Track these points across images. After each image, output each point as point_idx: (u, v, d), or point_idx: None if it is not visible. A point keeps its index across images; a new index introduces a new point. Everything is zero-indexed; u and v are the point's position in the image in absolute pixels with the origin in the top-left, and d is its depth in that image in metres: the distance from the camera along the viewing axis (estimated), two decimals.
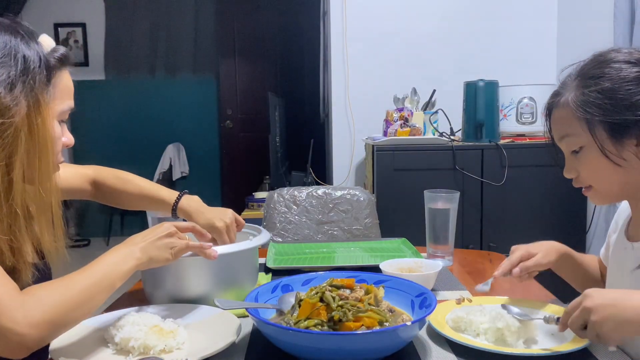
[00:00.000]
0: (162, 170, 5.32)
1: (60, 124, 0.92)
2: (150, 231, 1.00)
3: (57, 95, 0.89)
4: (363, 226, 2.10)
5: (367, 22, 2.97)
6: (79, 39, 5.46)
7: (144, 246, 0.97)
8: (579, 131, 0.96)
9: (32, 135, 0.83)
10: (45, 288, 0.83)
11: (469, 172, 2.39)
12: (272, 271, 1.37)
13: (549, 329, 0.96)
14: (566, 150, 1.02)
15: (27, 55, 0.83)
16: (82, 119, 5.37)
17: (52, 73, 0.87)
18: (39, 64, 0.84)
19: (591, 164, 0.97)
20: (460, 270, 1.40)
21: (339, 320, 0.87)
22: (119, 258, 0.93)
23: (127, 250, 0.95)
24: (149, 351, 0.89)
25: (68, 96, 0.93)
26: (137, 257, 0.95)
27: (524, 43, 2.97)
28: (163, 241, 0.99)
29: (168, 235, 1.00)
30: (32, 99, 0.83)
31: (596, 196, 1.02)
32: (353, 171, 3.04)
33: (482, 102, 2.43)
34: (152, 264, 0.98)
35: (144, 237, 0.99)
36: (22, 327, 0.77)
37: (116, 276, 0.91)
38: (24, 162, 0.83)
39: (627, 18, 2.07)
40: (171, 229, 1.02)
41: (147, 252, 0.97)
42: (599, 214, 2.47)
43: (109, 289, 0.89)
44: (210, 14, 5.54)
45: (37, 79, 0.83)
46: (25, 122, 0.82)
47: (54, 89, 0.88)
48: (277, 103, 3.90)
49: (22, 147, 0.82)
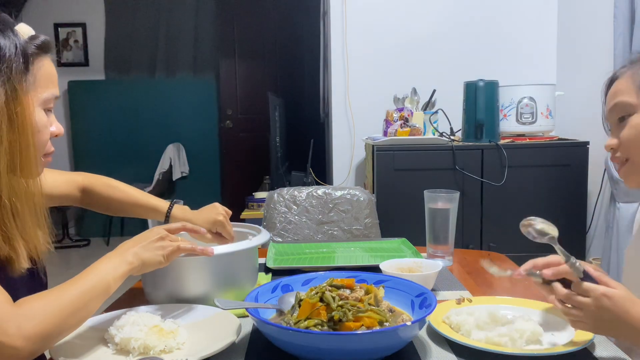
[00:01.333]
0: (162, 170, 5.32)
1: (47, 113, 0.91)
2: (141, 236, 1.01)
3: (38, 83, 0.88)
4: (363, 226, 2.10)
5: (367, 22, 2.97)
6: (79, 39, 5.46)
7: (136, 251, 0.98)
8: (632, 97, 0.97)
9: (12, 124, 0.82)
10: (37, 299, 0.83)
11: (469, 172, 2.39)
12: (272, 271, 1.37)
13: (549, 329, 0.96)
14: (614, 118, 1.01)
15: (2, 44, 0.81)
16: (82, 119, 5.38)
17: (31, 61, 0.86)
18: (15, 52, 0.83)
19: (635, 128, 0.96)
20: (460, 270, 1.40)
21: (339, 320, 0.87)
22: (110, 265, 0.93)
23: (119, 257, 0.96)
24: (149, 351, 0.89)
25: (51, 84, 0.91)
26: (129, 262, 0.96)
27: (524, 43, 2.97)
28: (155, 245, 1.00)
29: (159, 239, 1.01)
30: (9, 87, 0.81)
31: (631, 171, 1.00)
32: (353, 171, 3.04)
33: (482, 102, 2.43)
34: (145, 268, 0.99)
35: (136, 242, 0.99)
36: (16, 340, 0.76)
37: (109, 283, 0.91)
38: (7, 153, 0.82)
39: (627, 18, 2.07)
40: (162, 232, 1.03)
41: (139, 257, 0.97)
42: (599, 214, 2.47)
43: (102, 296, 0.90)
44: (210, 14, 5.54)
45: (13, 67, 0.82)
46: (4, 111, 0.81)
47: (34, 77, 0.86)
48: (277, 103, 3.90)
49: (5, 138, 0.81)
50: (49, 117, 0.92)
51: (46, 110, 0.91)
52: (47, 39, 0.90)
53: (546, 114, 2.48)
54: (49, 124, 0.92)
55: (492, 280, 1.35)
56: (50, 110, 0.93)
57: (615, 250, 2.11)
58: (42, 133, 0.90)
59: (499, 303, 1.07)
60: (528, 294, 1.11)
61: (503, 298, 1.10)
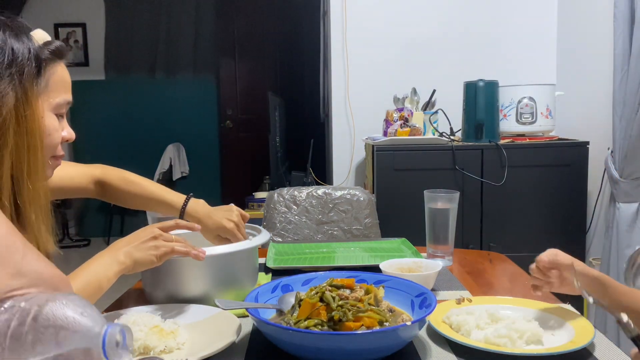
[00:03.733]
0: (162, 170, 5.32)
1: (58, 118, 0.92)
2: (134, 235, 1.01)
3: (51, 88, 0.88)
4: (363, 226, 2.10)
5: (367, 22, 2.97)
6: (79, 39, 5.46)
7: (128, 250, 0.98)
8: None
9: (20, 127, 0.82)
10: None
11: (469, 172, 2.39)
12: (272, 271, 1.37)
13: (549, 329, 0.96)
14: None
15: (16, 48, 0.82)
16: (82, 119, 5.38)
17: (44, 65, 0.86)
18: (28, 56, 0.84)
19: None
20: (460, 270, 1.40)
21: (339, 320, 0.87)
22: (102, 264, 0.94)
23: (111, 256, 0.96)
24: (149, 352, 0.89)
25: (64, 89, 0.92)
26: (121, 262, 0.96)
27: (524, 43, 2.97)
28: (147, 244, 1.00)
29: (152, 239, 1.01)
30: (20, 91, 0.82)
31: None
32: (353, 171, 3.04)
33: (482, 102, 2.43)
34: (137, 268, 0.99)
35: (128, 241, 1.00)
36: None
37: (100, 283, 0.91)
38: (13, 155, 0.82)
39: (627, 18, 2.07)
40: (155, 232, 1.02)
41: (131, 256, 0.97)
42: (599, 214, 2.47)
43: (94, 296, 0.90)
44: (210, 14, 5.54)
45: (25, 70, 0.83)
46: (12, 113, 0.81)
47: (46, 82, 0.87)
48: (277, 103, 3.90)
49: (11, 140, 0.81)
50: (61, 122, 0.93)
51: (58, 115, 0.92)
52: (62, 45, 0.90)
53: (546, 114, 2.48)
54: (60, 129, 0.92)
55: (492, 280, 1.35)
56: (63, 115, 0.93)
57: (615, 250, 2.10)
58: (53, 137, 0.90)
59: (499, 303, 1.07)
60: (528, 294, 1.11)
61: (503, 298, 1.10)
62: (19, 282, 0.65)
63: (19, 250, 0.67)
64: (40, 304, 0.60)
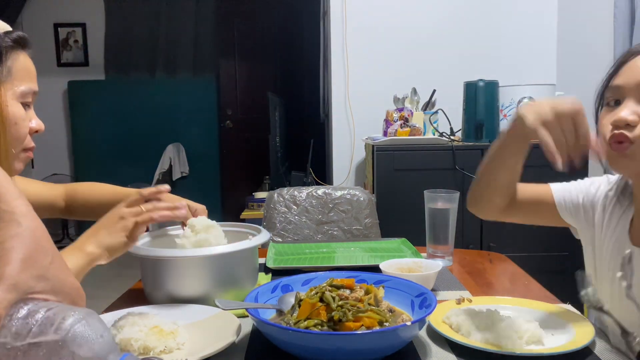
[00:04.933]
0: (162, 170, 5.32)
1: (25, 108, 0.92)
2: (101, 221, 0.98)
3: (14, 76, 0.88)
4: (363, 226, 2.10)
5: (367, 22, 2.97)
6: (79, 39, 5.46)
7: (97, 239, 0.95)
8: None
9: None
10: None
11: (469, 172, 2.39)
12: (272, 271, 1.37)
13: (549, 329, 0.96)
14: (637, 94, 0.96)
15: None
16: (82, 119, 5.38)
17: (5, 54, 0.87)
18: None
19: None
20: (460, 270, 1.40)
21: (339, 320, 0.87)
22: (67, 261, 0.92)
23: (76, 250, 0.93)
24: (149, 352, 0.89)
25: (29, 78, 0.92)
26: (89, 253, 0.93)
27: (524, 43, 2.97)
28: (116, 227, 0.97)
29: (120, 219, 0.98)
30: None
31: (634, 156, 0.95)
32: (353, 171, 3.04)
33: (482, 102, 2.43)
34: (112, 254, 0.97)
35: (97, 228, 0.97)
36: None
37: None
38: None
39: (627, 18, 2.07)
40: (121, 212, 0.99)
41: (100, 244, 0.95)
42: None
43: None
44: (210, 14, 5.54)
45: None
46: None
47: (9, 69, 0.87)
48: (277, 103, 3.91)
49: None
50: (28, 112, 0.93)
51: (25, 104, 0.91)
52: (23, 35, 0.91)
53: None
54: (27, 119, 0.92)
55: (492, 280, 1.35)
56: (29, 105, 0.93)
57: None
58: (20, 126, 0.90)
59: (499, 303, 1.07)
60: (528, 294, 1.11)
61: (503, 298, 1.10)
62: (42, 285, 0.64)
63: (48, 254, 0.67)
64: (65, 317, 0.59)
